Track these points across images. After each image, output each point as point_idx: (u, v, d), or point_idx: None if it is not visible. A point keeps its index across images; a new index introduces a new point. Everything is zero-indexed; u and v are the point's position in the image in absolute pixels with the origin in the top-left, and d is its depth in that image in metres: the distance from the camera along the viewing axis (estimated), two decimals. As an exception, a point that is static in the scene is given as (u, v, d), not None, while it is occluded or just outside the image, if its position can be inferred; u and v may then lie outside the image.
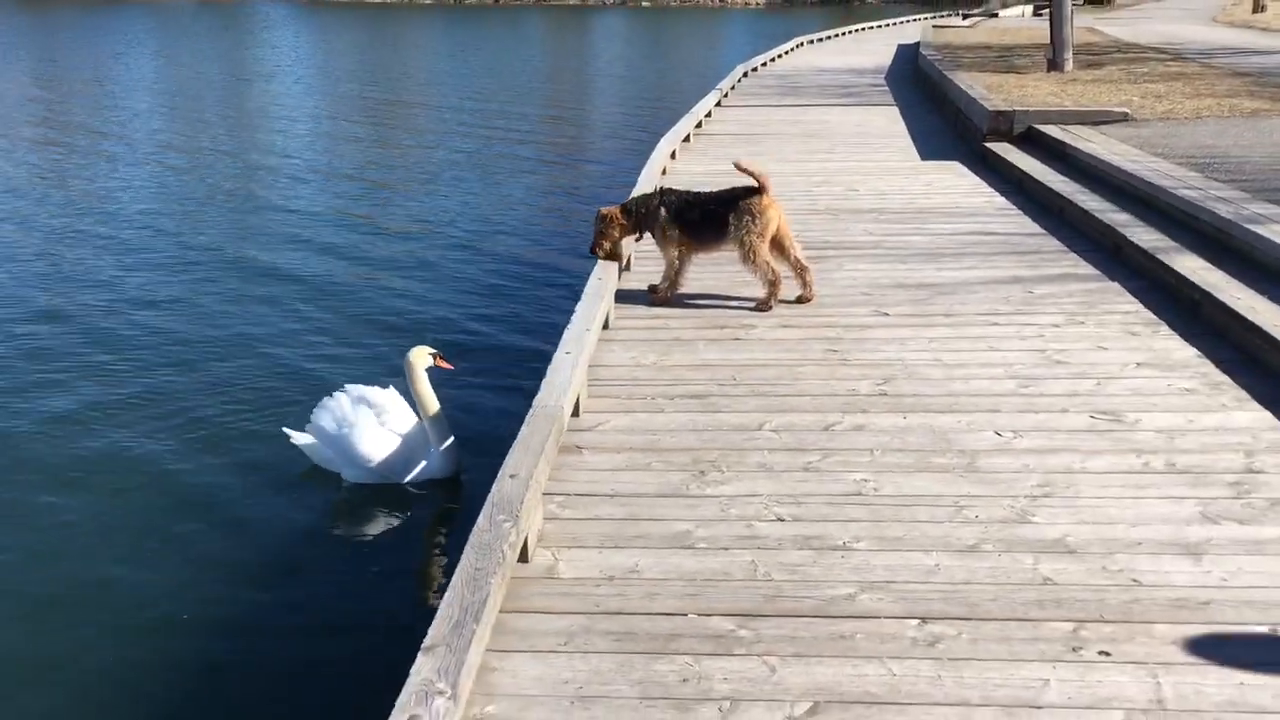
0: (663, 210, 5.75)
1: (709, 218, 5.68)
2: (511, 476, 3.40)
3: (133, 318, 8.68)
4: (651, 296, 5.89)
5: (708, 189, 5.99)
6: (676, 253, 5.78)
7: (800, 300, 5.81)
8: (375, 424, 5.58)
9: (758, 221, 5.58)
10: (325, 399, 5.70)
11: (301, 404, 6.65)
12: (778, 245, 5.73)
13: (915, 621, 2.95)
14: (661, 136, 11.16)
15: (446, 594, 2.78)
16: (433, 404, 5.52)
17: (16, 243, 11.20)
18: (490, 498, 3.28)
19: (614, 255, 5.99)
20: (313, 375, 7.37)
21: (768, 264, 5.65)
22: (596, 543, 3.41)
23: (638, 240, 6.07)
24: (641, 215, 5.83)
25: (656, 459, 3.99)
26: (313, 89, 27.59)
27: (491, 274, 10.27)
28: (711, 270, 6.28)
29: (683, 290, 5.93)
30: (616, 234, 5.91)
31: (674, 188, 5.97)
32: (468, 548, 3.01)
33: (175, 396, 6.97)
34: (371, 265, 10.48)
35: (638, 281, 6.21)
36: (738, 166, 5.69)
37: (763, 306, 5.70)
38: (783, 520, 3.52)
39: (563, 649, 2.87)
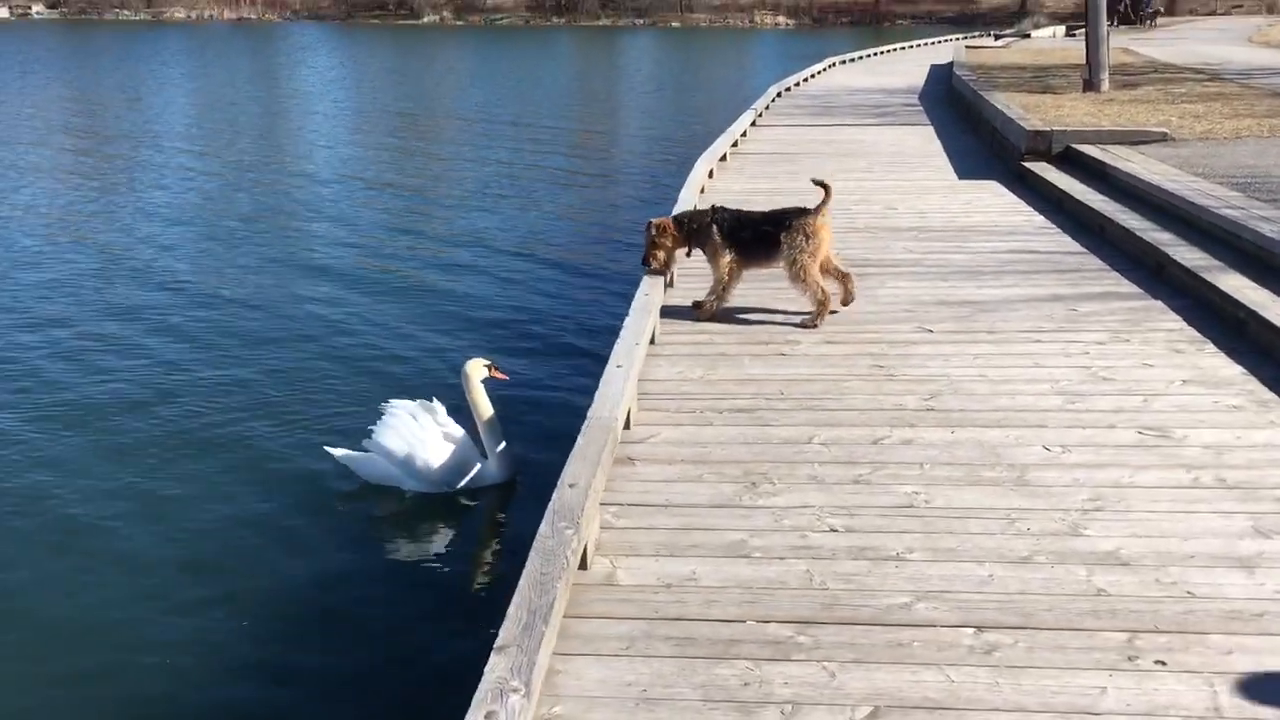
0: (715, 227, 5.83)
1: (761, 237, 5.76)
2: (571, 485, 3.48)
3: (179, 334, 8.86)
4: (697, 313, 5.96)
5: (759, 208, 6.09)
6: (727, 270, 5.85)
7: (844, 303, 5.91)
8: (436, 436, 5.75)
9: (810, 242, 5.65)
10: (383, 417, 5.83)
11: (347, 419, 6.82)
12: (822, 261, 5.79)
13: (971, 630, 2.99)
14: (696, 154, 11.26)
15: (514, 597, 2.85)
16: (488, 412, 5.74)
17: (64, 262, 11.40)
18: (551, 505, 3.35)
19: (665, 266, 6.07)
20: (359, 390, 7.50)
21: (818, 284, 5.71)
22: (653, 551, 3.48)
23: (688, 255, 6.14)
24: (693, 230, 5.92)
25: (708, 470, 4.06)
26: (350, 107, 27.95)
27: (532, 287, 10.44)
28: (754, 286, 6.32)
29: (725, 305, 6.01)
30: (669, 244, 6.00)
31: (726, 206, 6.04)
32: (532, 553, 3.08)
33: (225, 416, 7.11)
34: (413, 280, 10.64)
35: (680, 298, 6.27)
36: (815, 181, 5.82)
37: (810, 324, 5.76)
38: (836, 531, 3.58)
39: (625, 653, 2.93)
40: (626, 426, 4.41)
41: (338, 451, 5.98)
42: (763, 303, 6.14)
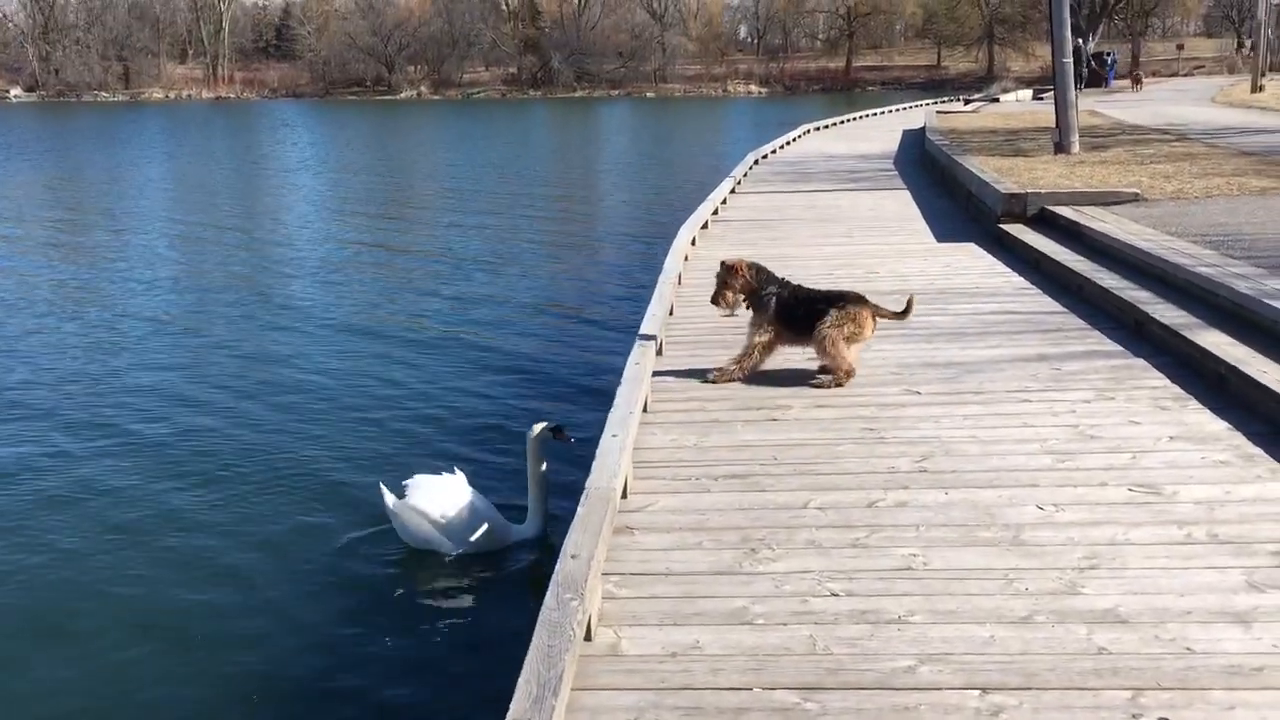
0: (773, 301, 5.94)
1: (810, 315, 5.86)
2: (573, 556, 3.50)
3: (196, 409, 8.95)
4: (715, 376, 6.01)
5: (822, 288, 6.29)
6: (764, 341, 5.95)
7: (823, 371, 5.99)
8: (475, 503, 5.96)
9: (850, 325, 5.79)
10: (418, 485, 5.96)
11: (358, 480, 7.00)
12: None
13: (976, 692, 3.02)
14: (677, 220, 11.44)
15: (523, 669, 2.87)
16: (539, 469, 6.00)
17: (78, 332, 11.43)
18: (555, 577, 3.38)
19: (732, 307, 6.13)
20: (358, 456, 7.56)
21: (845, 358, 5.83)
22: (656, 620, 3.49)
23: (748, 308, 6.14)
24: (755, 289, 6.01)
25: (707, 538, 4.08)
26: (334, 181, 28.18)
27: (521, 354, 10.51)
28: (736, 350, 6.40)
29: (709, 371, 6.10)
30: (739, 286, 6.05)
31: (789, 280, 6.15)
32: (539, 626, 3.09)
33: (240, 486, 7.28)
34: (397, 350, 10.67)
35: (668, 365, 6.34)
36: (909, 303, 6.07)
37: (822, 384, 5.85)
38: (837, 595, 3.60)
39: (633, 724, 2.94)
40: (624, 495, 4.44)
41: (391, 498, 6.07)
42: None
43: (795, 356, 6.30)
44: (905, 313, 6.05)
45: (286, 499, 6.99)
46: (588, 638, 3.36)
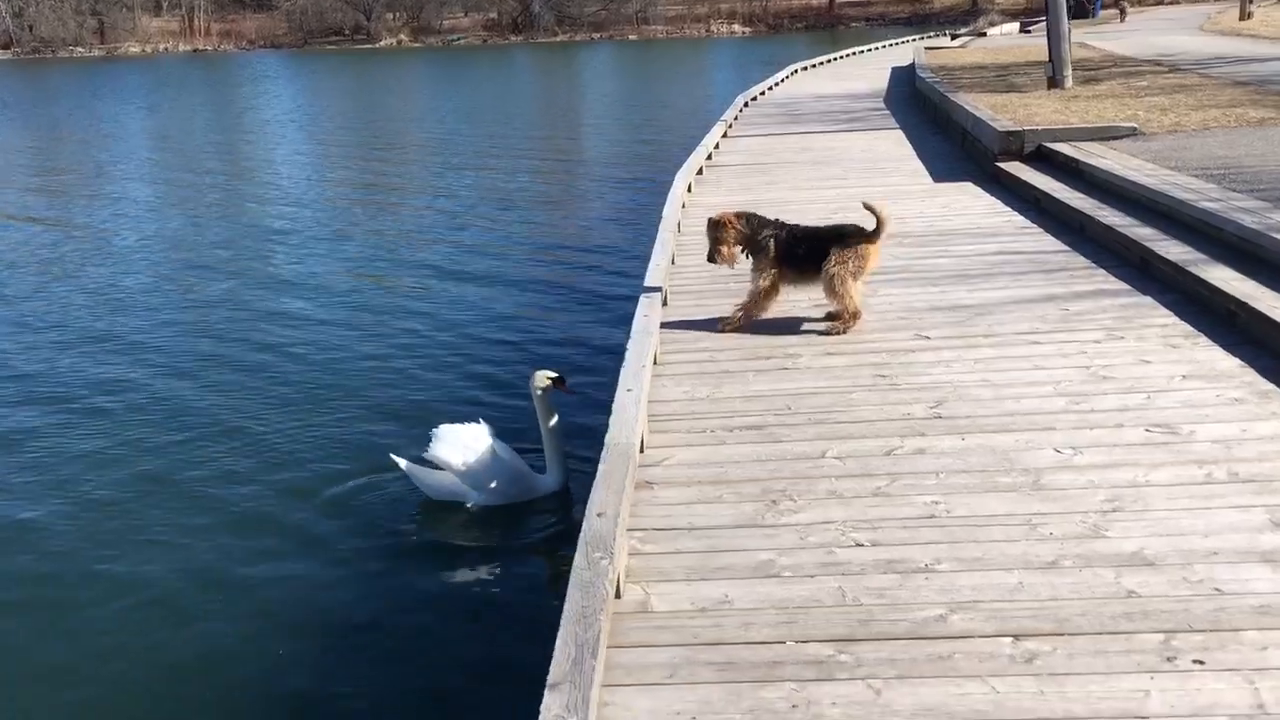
0: (772, 243, 5.87)
1: (814, 253, 5.81)
2: (599, 515, 3.50)
3: (202, 366, 8.99)
4: (722, 328, 5.99)
5: (821, 223, 6.22)
6: (767, 285, 5.91)
7: (829, 317, 5.97)
8: (495, 452, 5.97)
9: (856, 262, 5.74)
10: (439, 436, 5.97)
11: (388, 439, 7.11)
12: None
13: (1009, 639, 3.03)
14: (668, 166, 11.38)
15: (560, 631, 2.87)
16: (552, 418, 6.00)
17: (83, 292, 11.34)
18: (582, 536, 3.37)
19: (731, 261, 6.06)
20: (374, 414, 7.56)
21: (852, 298, 5.78)
22: (683, 576, 3.49)
23: (746, 257, 6.08)
24: (750, 236, 5.93)
25: (727, 490, 4.08)
26: (318, 134, 27.86)
27: (521, 306, 10.54)
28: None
29: (716, 321, 6.08)
30: (732, 238, 5.97)
31: (786, 222, 6.04)
32: (571, 587, 3.09)
33: (258, 442, 7.33)
34: (390, 306, 10.61)
35: (674, 315, 6.31)
36: (866, 205, 5.84)
37: (833, 330, 5.84)
38: (862, 545, 3.61)
39: (669, 681, 2.94)
40: (640, 450, 4.43)
41: (403, 461, 6.14)
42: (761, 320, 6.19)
43: (801, 302, 6.29)
44: (879, 229, 5.84)
45: (300, 456, 7.04)
46: (617, 595, 3.36)
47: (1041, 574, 3.35)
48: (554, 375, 5.98)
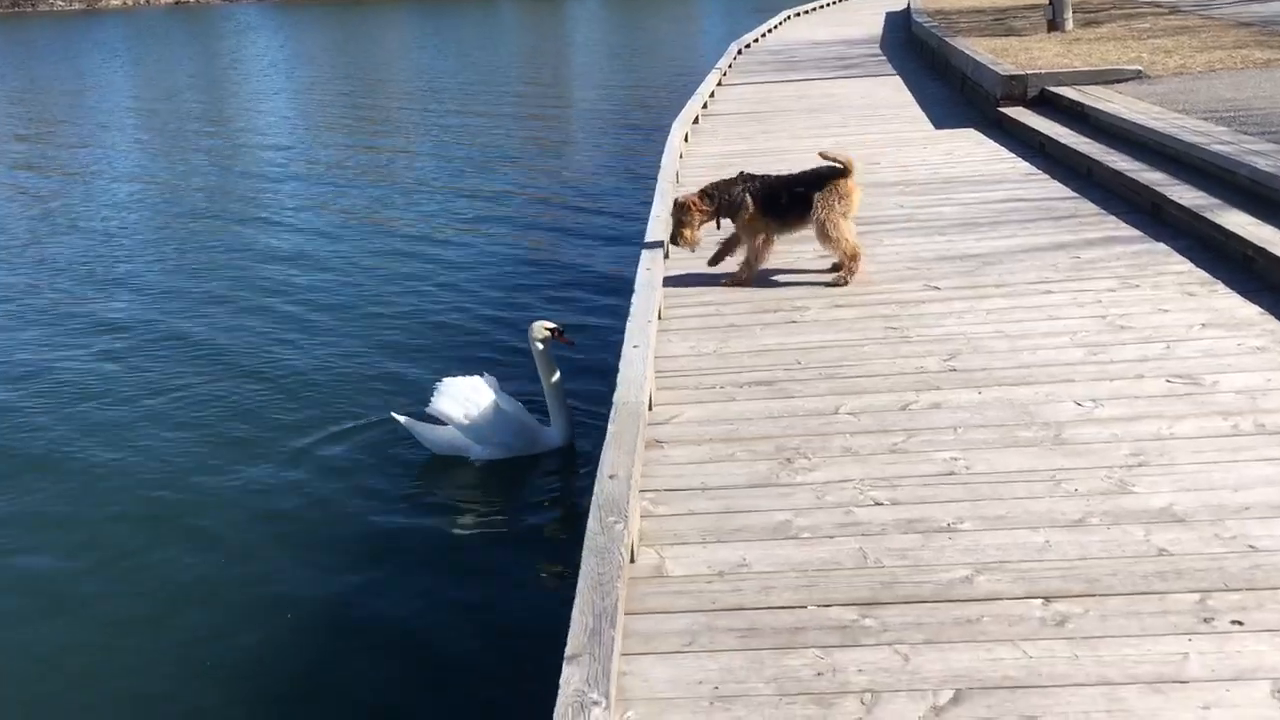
0: (748, 197, 5.73)
1: (795, 200, 5.67)
2: (611, 477, 3.38)
3: (205, 319, 8.88)
4: (726, 283, 5.87)
5: (788, 170, 6.05)
6: (761, 238, 5.78)
7: (835, 268, 5.83)
8: (498, 404, 5.87)
9: (842, 202, 5.59)
10: (441, 389, 5.88)
11: (386, 394, 7.06)
12: None
13: (1039, 601, 2.93)
14: (663, 115, 11.22)
15: (576, 600, 2.76)
16: (554, 374, 5.89)
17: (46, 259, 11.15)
18: (595, 499, 3.26)
19: (693, 243, 5.96)
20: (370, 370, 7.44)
21: (848, 240, 5.65)
22: (698, 538, 3.38)
23: (717, 227, 6.00)
24: (724, 202, 5.79)
25: (740, 449, 3.96)
26: (306, 87, 27.49)
27: (522, 259, 10.42)
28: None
29: (723, 272, 5.94)
30: (697, 222, 5.88)
31: (753, 173, 5.92)
32: (585, 553, 2.98)
33: (247, 406, 7.20)
34: (393, 259, 10.45)
35: (677, 269, 6.17)
36: (823, 155, 5.72)
37: (840, 281, 5.71)
38: (881, 504, 3.50)
39: (689, 649, 2.84)
40: (649, 408, 4.31)
41: (403, 418, 6.05)
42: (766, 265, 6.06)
43: (805, 253, 6.16)
44: (851, 167, 5.70)
45: (297, 414, 6.92)
46: (631, 560, 3.26)
47: (1069, 532, 3.25)
48: (552, 326, 5.88)
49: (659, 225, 6.64)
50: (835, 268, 5.82)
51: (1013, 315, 5.10)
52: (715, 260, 6.00)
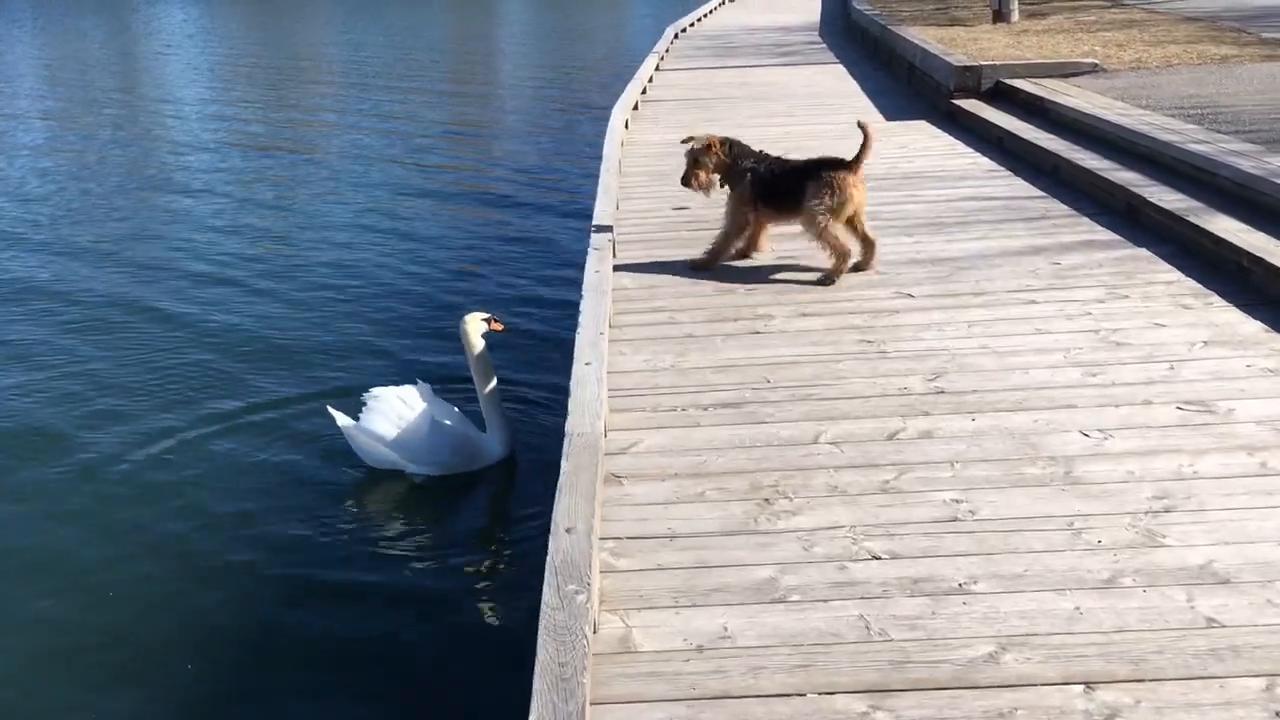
0: (749, 178, 5.40)
1: (791, 190, 5.34)
2: (568, 530, 2.86)
3: (129, 317, 8.16)
4: (692, 267, 5.57)
5: (799, 156, 5.76)
6: (745, 222, 5.46)
7: (858, 269, 5.47)
8: (430, 417, 5.37)
9: (835, 197, 5.23)
10: (369, 405, 5.36)
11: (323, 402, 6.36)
12: (849, 220, 5.37)
13: (1079, 688, 2.47)
14: (594, 98, 10.77)
15: (533, 700, 2.24)
16: (490, 378, 5.39)
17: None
18: (550, 561, 2.74)
19: (706, 188, 5.60)
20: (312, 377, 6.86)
21: (836, 239, 5.30)
22: (669, 600, 2.88)
23: (721, 186, 5.61)
24: (730, 166, 5.46)
25: (709, 486, 3.47)
26: (221, 64, 26.37)
27: (457, 249, 9.86)
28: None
29: (672, 274, 5.50)
30: (712, 165, 5.50)
31: (769, 154, 5.57)
32: (541, 634, 2.46)
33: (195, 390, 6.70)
34: (310, 257, 9.77)
35: (623, 266, 5.66)
36: (861, 125, 5.45)
37: (827, 280, 5.34)
38: (879, 558, 3.02)
39: (668, 752, 2.34)
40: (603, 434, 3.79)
41: (342, 418, 5.45)
42: (719, 271, 5.58)
43: (776, 249, 5.71)
44: (861, 155, 5.43)
45: (220, 421, 6.25)
46: (592, 630, 2.74)
47: (1100, 596, 2.80)
48: (486, 316, 5.46)
49: (605, 219, 6.13)
50: (825, 275, 5.45)
51: (997, 328, 4.67)
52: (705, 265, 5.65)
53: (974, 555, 3.02)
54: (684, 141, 5.69)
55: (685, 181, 5.60)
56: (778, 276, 5.50)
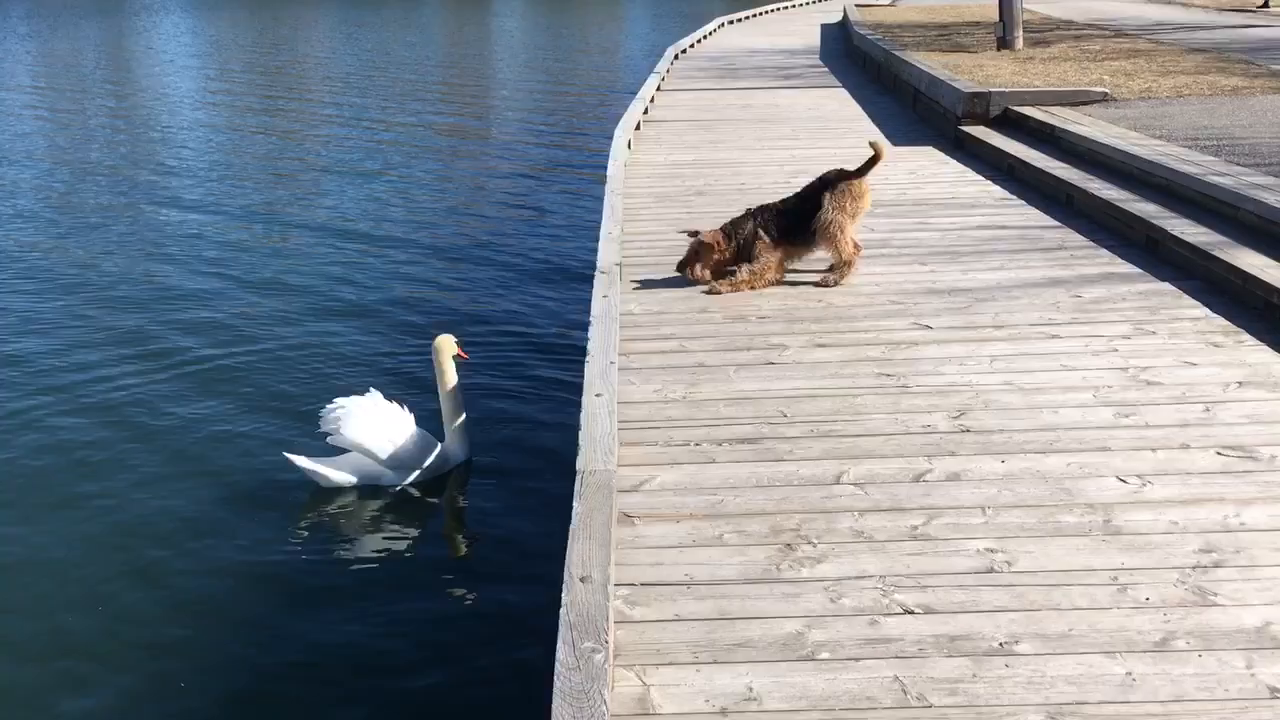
0: (761, 232, 5.46)
1: (807, 214, 5.49)
2: (583, 580, 2.66)
3: (84, 339, 7.85)
4: (726, 289, 5.52)
5: (793, 189, 5.87)
6: (777, 260, 5.54)
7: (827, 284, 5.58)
8: (408, 423, 5.37)
9: (850, 204, 5.47)
10: (346, 414, 5.25)
11: (276, 421, 6.26)
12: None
13: (1140, 765, 2.28)
14: (594, 118, 10.61)
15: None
16: (452, 385, 5.43)
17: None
18: (563, 615, 2.53)
19: (700, 279, 5.60)
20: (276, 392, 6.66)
21: (849, 242, 5.46)
22: (689, 656, 2.68)
23: (734, 266, 5.63)
24: (740, 245, 5.52)
25: (728, 528, 3.27)
26: (215, 77, 26.18)
27: (456, 270, 9.64)
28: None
29: (681, 300, 5.32)
30: (713, 259, 5.55)
31: (765, 204, 5.69)
32: (555, 697, 2.26)
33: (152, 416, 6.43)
34: (314, 268, 9.56)
35: (629, 292, 5.47)
36: (873, 144, 5.72)
37: (829, 283, 5.51)
38: (912, 613, 2.83)
39: (693, 832, 2.14)
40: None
41: (301, 460, 5.28)
42: (732, 299, 5.40)
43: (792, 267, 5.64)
44: (870, 164, 5.70)
45: (200, 428, 6.07)
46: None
47: (1154, 661, 2.61)
48: (458, 340, 5.51)
49: (612, 245, 5.95)
50: (829, 271, 5.64)
51: (1021, 364, 4.48)
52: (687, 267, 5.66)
53: (1014, 611, 2.82)
54: (689, 234, 5.66)
55: (680, 268, 5.68)
56: (788, 302, 5.32)
